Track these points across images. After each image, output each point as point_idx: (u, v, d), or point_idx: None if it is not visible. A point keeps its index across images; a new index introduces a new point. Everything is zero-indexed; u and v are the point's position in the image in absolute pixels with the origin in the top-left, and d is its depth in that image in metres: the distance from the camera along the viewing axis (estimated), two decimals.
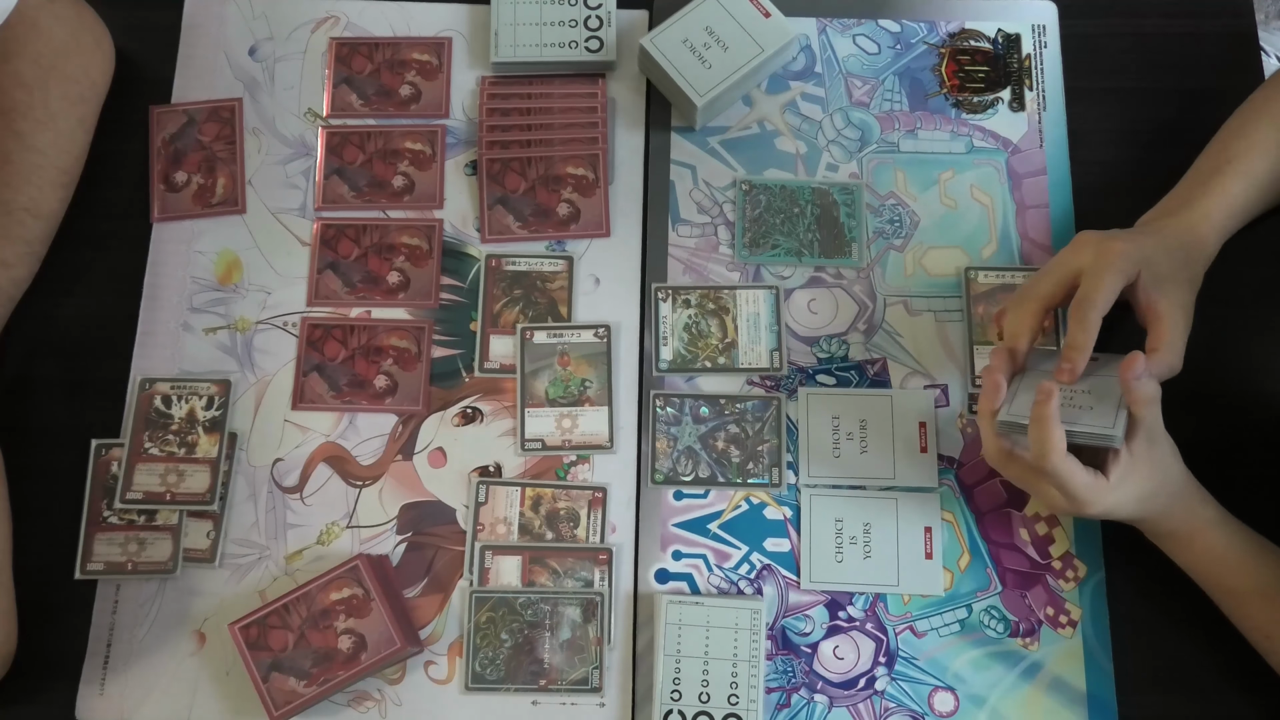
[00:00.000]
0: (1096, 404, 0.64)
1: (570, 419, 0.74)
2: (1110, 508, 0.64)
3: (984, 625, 0.71)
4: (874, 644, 0.71)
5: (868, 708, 0.70)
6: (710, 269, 0.77)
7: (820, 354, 0.76)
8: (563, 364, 0.75)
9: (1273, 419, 0.74)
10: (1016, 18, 0.83)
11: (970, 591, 0.71)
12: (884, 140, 0.80)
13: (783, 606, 0.71)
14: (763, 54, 0.77)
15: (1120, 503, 0.64)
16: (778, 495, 0.73)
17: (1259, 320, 0.76)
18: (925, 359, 0.75)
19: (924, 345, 0.76)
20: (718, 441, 0.74)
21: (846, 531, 0.72)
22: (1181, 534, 0.67)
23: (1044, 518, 0.72)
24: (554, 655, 0.70)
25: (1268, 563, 0.66)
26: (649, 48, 0.77)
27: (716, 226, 0.78)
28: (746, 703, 0.68)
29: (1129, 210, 0.74)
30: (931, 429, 0.74)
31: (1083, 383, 0.65)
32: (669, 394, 0.75)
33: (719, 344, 0.75)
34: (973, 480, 0.73)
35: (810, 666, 0.70)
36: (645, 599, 0.71)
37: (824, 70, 0.81)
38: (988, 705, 0.69)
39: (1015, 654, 0.70)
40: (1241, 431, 0.74)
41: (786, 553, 0.72)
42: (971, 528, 0.72)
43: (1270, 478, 0.73)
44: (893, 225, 0.78)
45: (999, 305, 0.75)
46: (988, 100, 0.80)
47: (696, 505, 0.73)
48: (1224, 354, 0.74)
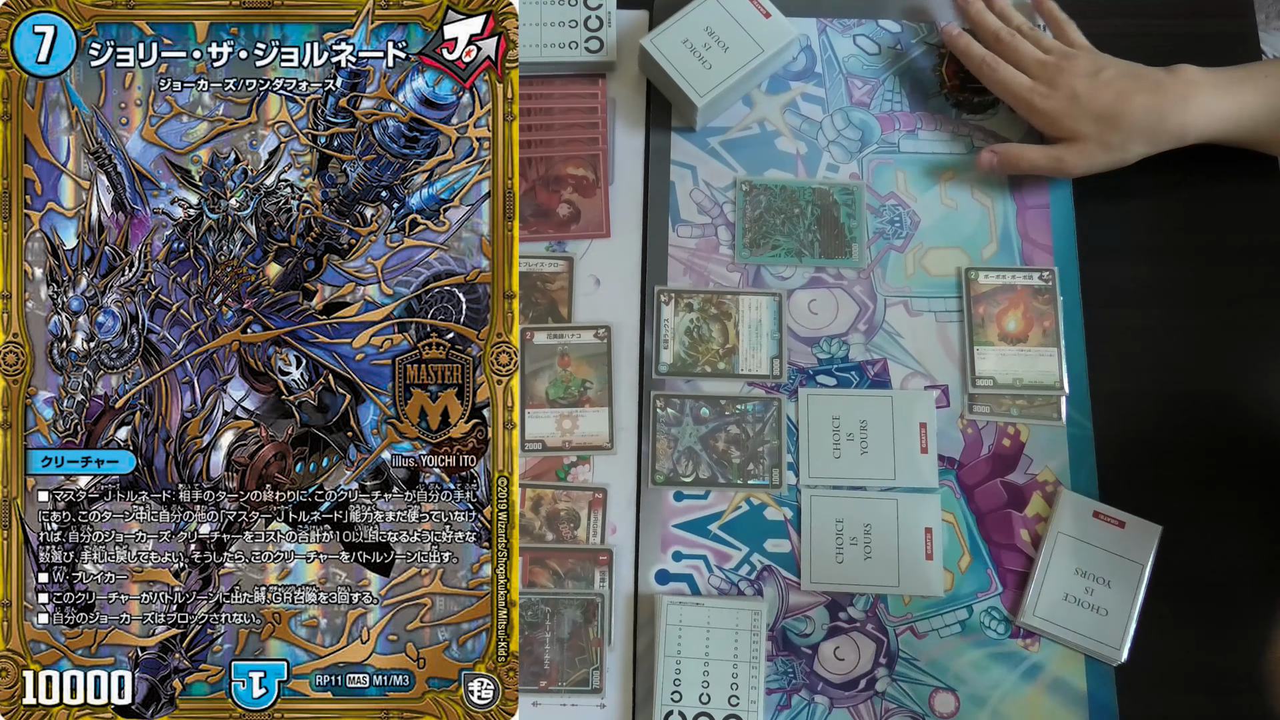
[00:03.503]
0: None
1: (570, 420, 0.74)
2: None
3: (985, 626, 0.71)
4: (875, 645, 0.71)
5: (868, 709, 0.70)
6: (710, 270, 0.77)
7: (820, 354, 0.76)
8: (563, 365, 0.75)
9: (1265, 421, 0.74)
10: None
11: (971, 592, 0.71)
12: (884, 141, 0.80)
13: (783, 607, 0.71)
14: (763, 54, 0.77)
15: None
16: (778, 496, 0.73)
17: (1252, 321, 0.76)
18: (925, 359, 0.75)
19: (924, 346, 0.76)
20: (718, 442, 0.74)
21: (847, 532, 0.72)
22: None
23: (1044, 518, 0.72)
24: (554, 656, 0.70)
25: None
26: (649, 48, 0.77)
27: (717, 227, 0.78)
28: (747, 704, 0.68)
29: (1129, 210, 0.74)
30: (931, 429, 0.74)
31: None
32: (669, 395, 0.75)
33: (720, 349, 0.75)
34: (973, 481, 0.73)
35: (811, 667, 0.70)
36: (645, 600, 0.71)
37: (824, 70, 0.81)
38: (988, 706, 0.70)
39: (1016, 655, 0.70)
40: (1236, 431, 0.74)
41: (787, 554, 0.72)
42: (972, 528, 0.73)
43: (1261, 480, 0.73)
44: (893, 226, 0.78)
45: (999, 306, 0.76)
46: (988, 100, 0.80)
47: (697, 506, 0.73)
48: (1214, 354, 0.75)
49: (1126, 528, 0.70)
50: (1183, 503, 0.72)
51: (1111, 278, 0.76)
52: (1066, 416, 0.74)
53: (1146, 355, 0.75)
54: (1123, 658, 0.69)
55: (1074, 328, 0.75)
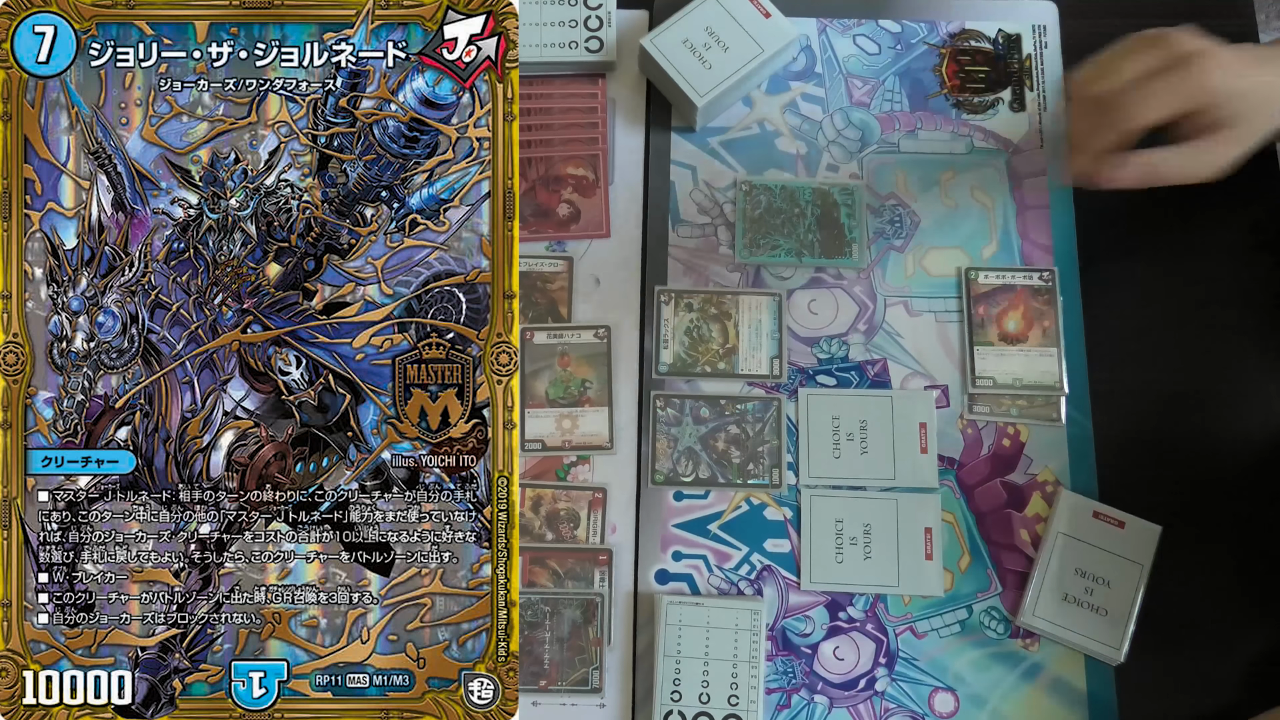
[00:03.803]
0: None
1: (570, 419, 0.74)
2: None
3: (984, 626, 0.71)
4: (874, 645, 0.71)
5: (868, 708, 0.70)
6: (710, 270, 0.77)
7: (820, 354, 0.76)
8: (563, 364, 0.75)
9: (1265, 421, 0.74)
10: (1017, 18, 0.83)
11: (970, 592, 0.72)
12: (884, 141, 0.80)
13: (783, 607, 0.71)
14: (763, 54, 0.77)
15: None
16: (778, 496, 0.73)
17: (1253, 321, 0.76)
18: (925, 359, 0.75)
19: (924, 346, 0.76)
20: (718, 442, 0.74)
21: (847, 532, 0.72)
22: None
23: (1044, 519, 0.72)
24: (554, 656, 0.70)
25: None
26: (649, 48, 0.77)
27: (716, 227, 0.78)
28: (746, 703, 0.68)
29: (1129, 211, 0.74)
30: (931, 429, 0.74)
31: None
32: (669, 395, 0.75)
33: (719, 349, 0.75)
34: (973, 481, 0.73)
35: (810, 667, 0.70)
36: (645, 600, 0.71)
37: (824, 70, 0.81)
38: (988, 706, 0.70)
39: (1016, 655, 0.70)
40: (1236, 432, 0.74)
41: (787, 553, 0.72)
42: (972, 528, 0.73)
43: (1261, 480, 0.73)
44: (893, 226, 0.78)
45: (999, 306, 0.76)
46: (988, 100, 0.80)
47: (697, 506, 0.73)
48: (1214, 354, 0.75)
49: (1126, 528, 0.70)
50: (1182, 503, 0.72)
51: (1111, 278, 0.76)
52: (1066, 416, 0.74)
53: (1146, 355, 0.75)
54: (1122, 658, 0.69)
55: (1074, 328, 0.75)
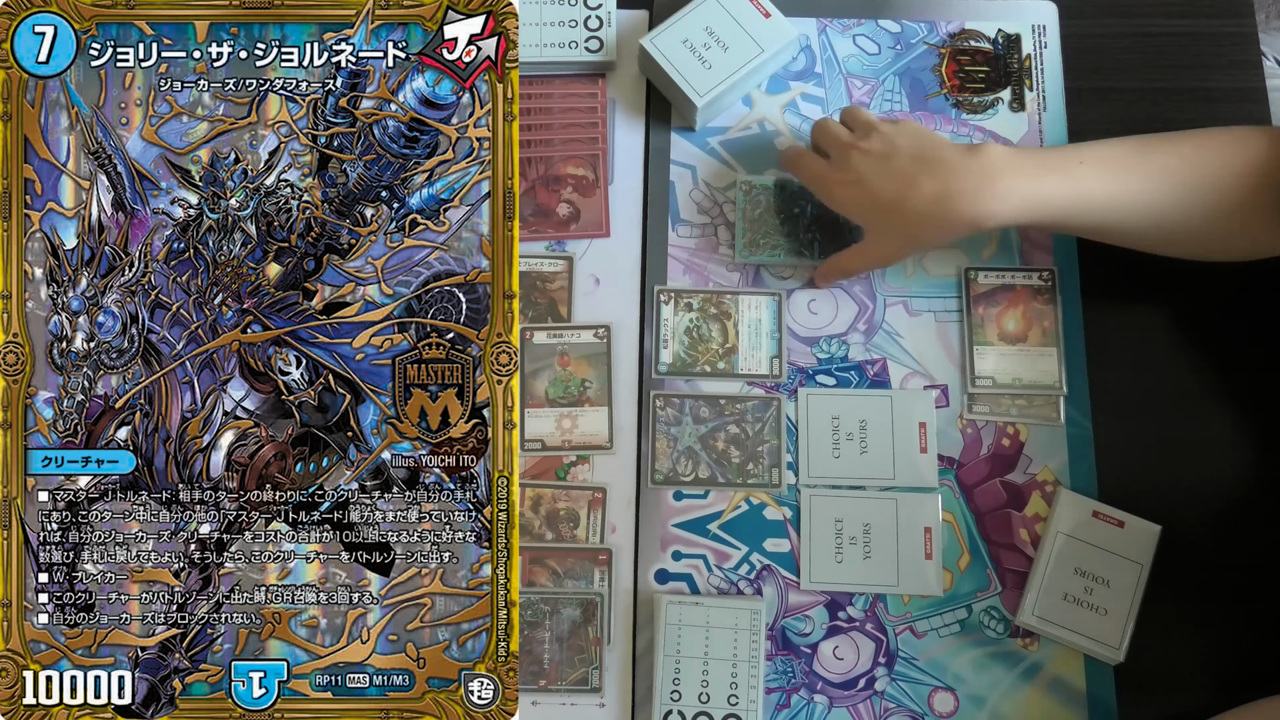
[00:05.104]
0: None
1: (570, 419, 0.74)
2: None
3: (984, 625, 0.71)
4: (874, 644, 0.71)
5: (867, 708, 0.70)
6: (710, 269, 0.77)
7: (820, 354, 0.76)
8: (563, 364, 0.75)
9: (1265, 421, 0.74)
10: (1016, 18, 0.83)
11: (970, 592, 0.72)
12: None
13: (782, 607, 0.71)
14: (763, 54, 0.77)
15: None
16: (777, 496, 0.73)
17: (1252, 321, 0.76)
18: (925, 359, 0.75)
19: (924, 345, 0.76)
20: (718, 442, 0.74)
21: (846, 532, 0.72)
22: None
23: (1044, 518, 0.72)
24: (554, 655, 0.70)
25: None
26: (649, 48, 0.77)
27: (716, 227, 0.78)
28: (746, 703, 0.68)
29: None
30: (931, 429, 0.74)
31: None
32: (669, 394, 0.75)
33: (719, 349, 0.75)
34: (973, 480, 0.73)
35: (810, 667, 0.70)
36: (645, 599, 0.72)
37: (824, 70, 0.81)
38: (988, 706, 0.70)
39: (1015, 654, 0.70)
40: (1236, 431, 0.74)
41: (786, 553, 0.72)
42: (971, 528, 0.73)
43: (1261, 480, 0.73)
44: None
45: (999, 305, 0.76)
46: (988, 100, 0.80)
47: (696, 506, 0.73)
48: (1214, 354, 0.75)
49: (1126, 528, 0.70)
50: (1182, 502, 0.72)
51: (1111, 277, 0.76)
52: (1066, 416, 0.74)
53: (1146, 355, 0.75)
54: (1122, 658, 0.69)
55: (1074, 328, 0.75)
